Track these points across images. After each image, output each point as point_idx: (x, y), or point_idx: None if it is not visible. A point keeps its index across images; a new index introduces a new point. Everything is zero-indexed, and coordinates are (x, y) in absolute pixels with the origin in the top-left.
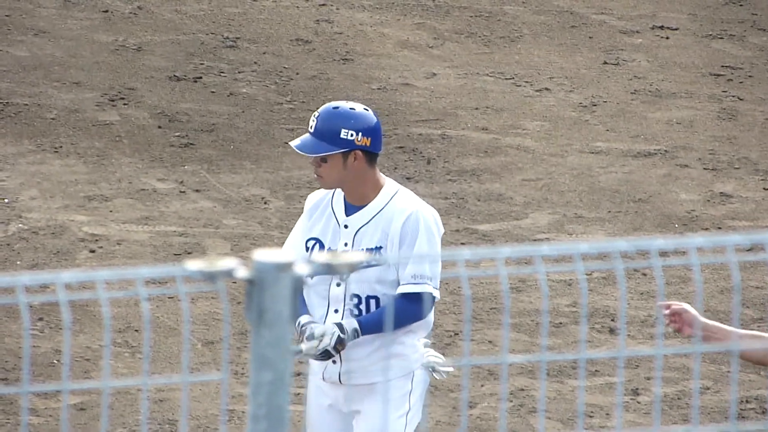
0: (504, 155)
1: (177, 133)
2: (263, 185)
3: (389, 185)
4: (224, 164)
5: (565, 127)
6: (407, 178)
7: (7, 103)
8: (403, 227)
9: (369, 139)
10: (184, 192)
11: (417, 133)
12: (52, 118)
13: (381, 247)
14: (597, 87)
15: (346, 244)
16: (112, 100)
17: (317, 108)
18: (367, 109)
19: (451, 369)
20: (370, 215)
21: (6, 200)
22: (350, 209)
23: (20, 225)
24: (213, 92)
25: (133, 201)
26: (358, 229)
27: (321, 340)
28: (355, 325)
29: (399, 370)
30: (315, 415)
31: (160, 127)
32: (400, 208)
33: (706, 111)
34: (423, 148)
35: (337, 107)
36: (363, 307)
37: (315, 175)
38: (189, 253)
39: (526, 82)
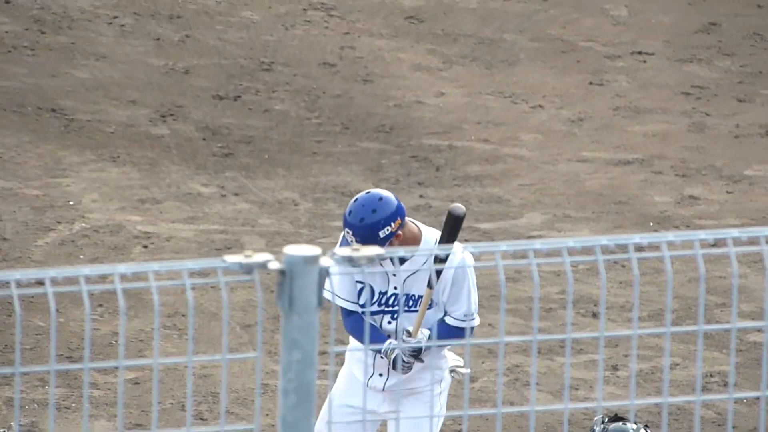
0: (503, 163)
1: (219, 144)
2: (294, 189)
3: (426, 234)
4: (260, 171)
5: (556, 138)
6: (419, 183)
7: (72, 119)
8: (454, 274)
9: (399, 219)
10: (224, 195)
11: (428, 144)
12: (111, 132)
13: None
14: (584, 104)
15: (395, 288)
16: (163, 116)
17: (343, 123)
18: (381, 198)
19: (468, 371)
20: (417, 265)
21: (71, 203)
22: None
23: (83, 224)
24: (250, 109)
25: (180, 203)
26: (407, 277)
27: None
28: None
29: (434, 377)
30: (339, 416)
31: (204, 139)
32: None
33: (678, 125)
34: (433, 157)
35: (362, 218)
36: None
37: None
38: (229, 249)
39: (523, 100)
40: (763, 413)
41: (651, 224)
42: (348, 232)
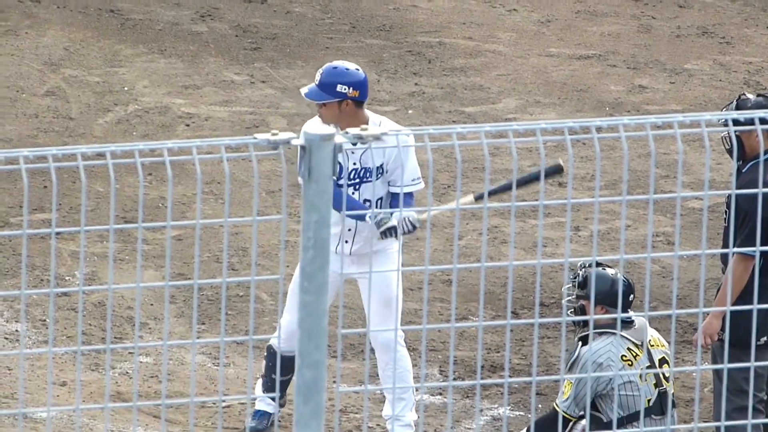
0: (484, 57)
1: (249, 40)
2: (311, 78)
3: (372, 117)
4: (283, 62)
5: (528, 37)
6: (414, 73)
7: (127, 18)
8: (398, 149)
9: (357, 92)
10: (253, 83)
11: (421, 41)
12: (160, 29)
13: (383, 164)
14: (551, 8)
15: (354, 163)
16: (203, 17)
17: (351, 23)
18: (358, 69)
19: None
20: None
21: (126, 88)
22: None
23: (136, 106)
24: (275, 11)
25: (216, 89)
26: (362, 154)
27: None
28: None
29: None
30: None
31: (237, 36)
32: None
33: (629, 26)
34: (426, 52)
35: (336, 66)
36: (373, 206)
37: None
38: (257, 127)
39: (500, 4)
40: (703, 268)
41: (606, 109)
42: (318, 72)
